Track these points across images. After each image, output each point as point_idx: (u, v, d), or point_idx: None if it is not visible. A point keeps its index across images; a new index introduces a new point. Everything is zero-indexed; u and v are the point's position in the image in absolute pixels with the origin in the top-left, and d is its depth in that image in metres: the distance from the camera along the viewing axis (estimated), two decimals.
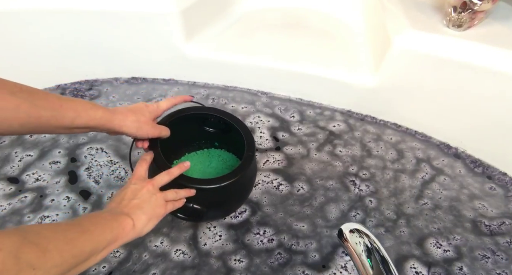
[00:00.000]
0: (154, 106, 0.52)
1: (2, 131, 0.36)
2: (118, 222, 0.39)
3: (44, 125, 0.39)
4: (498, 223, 0.71)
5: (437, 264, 0.63)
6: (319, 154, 0.82)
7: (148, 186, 0.44)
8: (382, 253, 0.38)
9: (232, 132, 0.59)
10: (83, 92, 0.95)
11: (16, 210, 0.67)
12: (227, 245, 0.63)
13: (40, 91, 0.40)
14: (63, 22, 0.86)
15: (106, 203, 0.46)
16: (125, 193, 0.43)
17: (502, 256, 0.65)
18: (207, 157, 0.65)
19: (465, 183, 0.78)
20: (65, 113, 0.40)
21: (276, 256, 0.63)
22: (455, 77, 0.77)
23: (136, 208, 0.41)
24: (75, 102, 0.41)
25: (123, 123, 0.45)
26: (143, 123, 0.47)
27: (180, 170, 0.48)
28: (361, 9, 1.05)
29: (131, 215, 0.40)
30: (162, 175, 0.47)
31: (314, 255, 0.63)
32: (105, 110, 0.44)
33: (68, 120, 0.40)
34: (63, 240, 0.31)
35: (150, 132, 0.49)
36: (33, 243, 0.29)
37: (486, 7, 0.74)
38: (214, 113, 0.59)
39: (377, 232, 0.67)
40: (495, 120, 0.78)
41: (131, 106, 0.49)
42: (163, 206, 0.45)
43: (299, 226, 0.67)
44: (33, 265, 0.28)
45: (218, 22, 1.03)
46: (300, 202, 0.71)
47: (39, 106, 0.38)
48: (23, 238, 0.28)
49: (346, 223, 0.40)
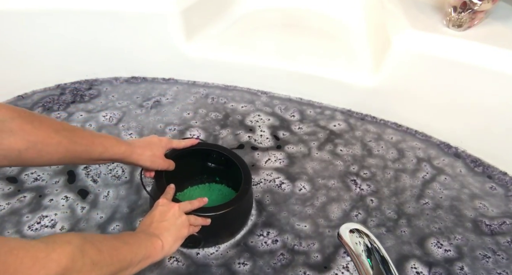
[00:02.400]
0: (166, 141, 0.57)
1: (43, 163, 0.42)
2: (150, 242, 0.44)
3: (77, 158, 0.45)
4: (498, 223, 0.71)
5: (438, 264, 0.63)
6: (320, 153, 0.82)
7: (175, 208, 0.49)
8: (382, 253, 0.38)
9: (233, 168, 0.63)
10: (83, 91, 0.95)
11: (15, 210, 0.67)
12: (226, 250, 0.63)
13: (77, 128, 0.46)
14: (63, 22, 0.86)
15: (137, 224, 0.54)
16: (154, 215, 0.48)
17: (503, 255, 0.65)
18: (208, 191, 0.69)
19: (466, 183, 0.78)
20: (95, 149, 0.46)
21: (279, 257, 0.62)
22: (455, 77, 0.77)
23: (164, 230, 0.46)
24: (104, 138, 0.48)
25: (140, 157, 0.52)
26: (157, 157, 0.54)
27: (199, 203, 0.54)
28: (361, 9, 1.05)
29: (160, 237, 0.45)
30: (186, 203, 0.52)
31: (316, 256, 0.63)
32: (127, 146, 0.50)
33: (96, 154, 0.46)
34: (111, 246, 0.37)
35: (160, 166, 0.55)
36: (91, 243, 0.34)
37: (486, 7, 0.74)
38: (216, 149, 0.64)
39: (378, 232, 0.67)
40: (495, 120, 0.78)
41: (147, 140, 0.55)
42: (187, 227, 0.50)
43: (301, 226, 0.67)
44: (93, 261, 0.33)
45: (218, 22, 1.03)
46: (302, 202, 0.71)
47: (76, 142, 0.44)
48: (84, 238, 0.33)
49: (346, 223, 0.40)
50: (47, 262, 0.29)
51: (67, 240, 0.32)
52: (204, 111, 0.91)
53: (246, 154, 0.80)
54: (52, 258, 0.29)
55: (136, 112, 0.90)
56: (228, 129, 0.86)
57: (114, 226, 0.65)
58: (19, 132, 0.38)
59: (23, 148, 0.39)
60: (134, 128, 0.85)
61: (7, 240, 0.28)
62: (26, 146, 0.39)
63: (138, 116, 0.89)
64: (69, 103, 0.91)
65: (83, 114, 0.88)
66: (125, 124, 0.86)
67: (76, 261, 0.31)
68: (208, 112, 0.91)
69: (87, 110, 0.89)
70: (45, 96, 0.93)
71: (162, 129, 0.85)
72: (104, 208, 0.68)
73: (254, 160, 0.79)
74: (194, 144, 0.61)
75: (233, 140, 0.83)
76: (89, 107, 0.90)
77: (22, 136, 0.38)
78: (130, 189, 0.71)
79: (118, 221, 0.66)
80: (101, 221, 0.66)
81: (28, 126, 0.39)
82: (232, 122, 0.88)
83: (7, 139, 0.37)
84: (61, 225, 0.65)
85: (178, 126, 0.86)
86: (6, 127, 0.37)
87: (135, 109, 0.90)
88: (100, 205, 0.68)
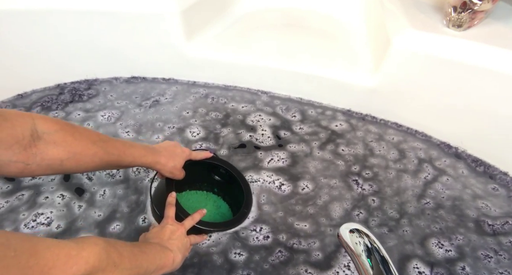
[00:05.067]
0: (188, 153, 0.61)
1: (79, 171, 0.46)
2: (165, 254, 0.47)
3: (108, 166, 0.49)
4: (501, 223, 0.70)
5: (440, 264, 0.63)
6: (322, 152, 0.81)
7: (182, 229, 0.53)
8: (382, 253, 0.37)
9: (233, 185, 0.65)
10: (82, 91, 0.94)
11: (14, 208, 0.66)
12: (220, 243, 0.62)
13: (111, 139, 0.49)
14: (63, 22, 0.85)
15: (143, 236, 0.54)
16: (164, 232, 0.51)
17: (505, 255, 0.65)
18: (204, 199, 0.71)
19: (468, 184, 0.78)
20: (125, 158, 0.49)
21: (277, 254, 0.62)
22: (455, 77, 0.77)
23: (176, 247, 0.50)
24: (134, 149, 0.51)
25: (163, 167, 0.55)
26: (176, 169, 0.57)
27: (200, 216, 0.58)
28: (361, 9, 1.05)
29: (173, 252, 0.49)
30: (189, 221, 0.55)
31: (318, 254, 0.62)
32: (154, 156, 0.53)
33: (126, 163, 0.50)
34: (130, 252, 0.40)
35: (176, 176, 0.59)
36: (114, 247, 0.37)
37: (486, 7, 0.74)
38: (225, 166, 0.67)
39: (380, 232, 0.67)
40: (495, 120, 0.78)
41: (171, 150, 0.57)
42: (188, 249, 0.55)
43: (301, 225, 0.67)
44: (116, 263, 0.36)
45: (218, 22, 1.03)
46: (304, 201, 0.71)
47: (109, 152, 0.47)
48: (108, 242, 0.36)
49: (346, 223, 0.39)
50: (78, 259, 0.31)
51: (94, 241, 0.34)
52: (204, 110, 0.90)
53: (249, 154, 0.79)
54: (82, 256, 0.32)
55: (134, 111, 0.89)
56: (229, 128, 0.85)
57: (114, 226, 0.65)
58: (62, 143, 0.42)
59: (65, 158, 0.42)
60: (132, 126, 0.85)
61: (43, 239, 0.30)
62: (67, 156, 0.42)
63: (136, 115, 0.88)
64: (68, 102, 0.91)
65: (81, 114, 0.87)
66: (123, 122, 0.86)
67: (102, 260, 0.34)
68: (208, 111, 0.90)
69: (85, 109, 0.89)
70: (44, 95, 0.92)
71: (160, 127, 0.85)
72: (101, 206, 0.67)
73: (257, 160, 0.78)
74: (208, 157, 0.65)
75: (235, 139, 0.83)
76: (88, 107, 0.90)
77: (64, 147, 0.42)
78: (128, 189, 0.71)
79: (118, 221, 0.65)
80: (99, 219, 0.65)
81: (69, 138, 0.42)
82: (233, 121, 0.88)
83: (51, 150, 0.40)
84: (57, 223, 0.64)
85: (177, 125, 0.86)
86: (51, 139, 0.41)
87: (134, 109, 0.90)
88: (98, 203, 0.68)
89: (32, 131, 0.39)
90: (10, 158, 0.37)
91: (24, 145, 0.38)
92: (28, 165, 0.39)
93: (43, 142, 0.40)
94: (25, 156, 0.38)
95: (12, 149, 0.37)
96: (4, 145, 0.36)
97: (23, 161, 0.38)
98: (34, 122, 0.40)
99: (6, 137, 0.37)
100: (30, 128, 0.39)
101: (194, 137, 0.82)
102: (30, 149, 0.39)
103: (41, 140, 0.40)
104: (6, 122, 0.37)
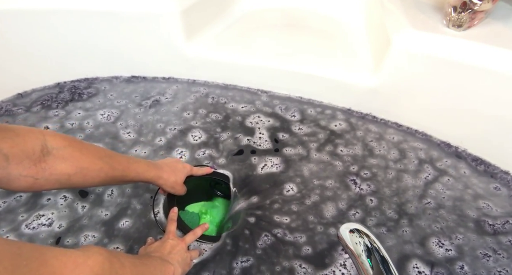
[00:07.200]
0: (189, 169, 0.63)
1: (85, 185, 0.47)
2: (165, 267, 0.48)
3: (113, 181, 0.50)
4: (502, 222, 0.70)
5: (440, 264, 0.63)
6: (319, 154, 0.81)
7: (182, 244, 0.55)
8: (382, 253, 0.37)
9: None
10: (81, 90, 0.94)
11: (12, 209, 0.66)
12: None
13: (116, 155, 0.50)
14: (64, 22, 0.85)
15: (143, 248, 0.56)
16: (165, 246, 0.53)
17: (503, 254, 0.65)
18: (209, 207, 0.73)
19: (470, 184, 0.78)
20: (129, 174, 0.51)
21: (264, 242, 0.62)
22: (455, 77, 0.77)
23: (176, 261, 0.51)
24: (137, 164, 0.53)
25: (165, 183, 0.57)
26: (178, 184, 0.59)
27: (202, 231, 0.60)
28: (361, 9, 1.05)
29: (173, 265, 0.49)
30: (190, 236, 0.58)
31: (307, 249, 0.62)
32: (156, 171, 0.55)
33: (129, 178, 0.52)
34: (132, 263, 0.40)
35: (178, 192, 0.61)
36: (117, 257, 0.38)
37: (486, 7, 0.74)
38: (226, 181, 0.69)
39: (378, 232, 0.67)
40: (495, 119, 0.78)
41: (173, 166, 0.59)
42: (189, 264, 0.56)
43: (289, 221, 0.66)
44: (118, 273, 0.36)
45: (218, 22, 1.03)
46: (285, 202, 0.70)
47: (115, 168, 0.49)
48: (110, 252, 0.37)
49: (346, 223, 0.39)
50: (85, 268, 0.33)
51: (98, 251, 0.35)
52: (204, 111, 0.90)
53: (244, 161, 0.78)
54: (88, 264, 0.33)
55: (134, 110, 0.89)
56: (228, 132, 0.85)
57: (123, 222, 0.65)
58: (70, 158, 0.43)
59: (72, 173, 0.43)
60: (132, 126, 0.85)
61: (50, 248, 0.31)
62: (74, 171, 0.44)
63: (136, 114, 0.88)
64: (68, 101, 0.91)
65: (81, 112, 0.87)
66: (123, 122, 0.86)
67: (105, 270, 0.35)
68: (208, 112, 0.90)
69: (85, 108, 0.89)
70: (43, 94, 0.92)
71: (162, 128, 0.85)
72: (109, 206, 0.67)
73: (252, 167, 0.76)
74: (209, 173, 0.67)
75: (233, 144, 0.82)
76: (87, 106, 0.90)
77: (72, 163, 0.43)
78: (136, 189, 0.71)
79: (128, 217, 0.66)
80: (106, 218, 0.65)
81: (77, 154, 0.44)
82: (232, 124, 0.87)
83: (60, 165, 0.42)
84: (59, 223, 0.64)
85: (178, 126, 0.85)
86: (60, 155, 0.42)
87: (134, 108, 0.90)
88: (105, 203, 0.68)
89: (43, 147, 0.40)
90: (21, 173, 0.38)
91: (34, 160, 0.39)
92: (37, 179, 0.40)
93: (52, 157, 0.41)
94: (35, 171, 0.40)
95: (22, 164, 0.38)
96: (16, 160, 0.37)
97: (32, 175, 0.39)
98: (44, 138, 0.41)
99: (18, 153, 0.38)
100: (40, 143, 0.40)
101: (196, 141, 0.82)
102: (40, 164, 0.40)
103: (50, 155, 0.41)
104: (18, 137, 0.38)
